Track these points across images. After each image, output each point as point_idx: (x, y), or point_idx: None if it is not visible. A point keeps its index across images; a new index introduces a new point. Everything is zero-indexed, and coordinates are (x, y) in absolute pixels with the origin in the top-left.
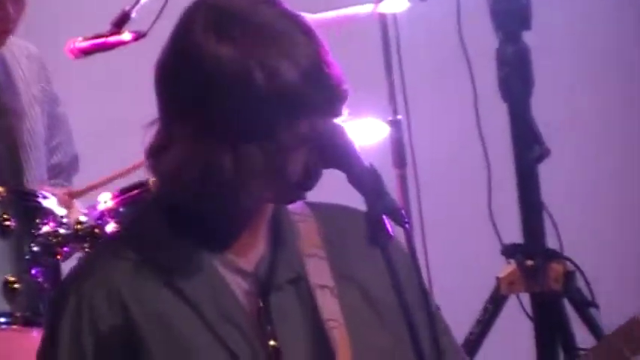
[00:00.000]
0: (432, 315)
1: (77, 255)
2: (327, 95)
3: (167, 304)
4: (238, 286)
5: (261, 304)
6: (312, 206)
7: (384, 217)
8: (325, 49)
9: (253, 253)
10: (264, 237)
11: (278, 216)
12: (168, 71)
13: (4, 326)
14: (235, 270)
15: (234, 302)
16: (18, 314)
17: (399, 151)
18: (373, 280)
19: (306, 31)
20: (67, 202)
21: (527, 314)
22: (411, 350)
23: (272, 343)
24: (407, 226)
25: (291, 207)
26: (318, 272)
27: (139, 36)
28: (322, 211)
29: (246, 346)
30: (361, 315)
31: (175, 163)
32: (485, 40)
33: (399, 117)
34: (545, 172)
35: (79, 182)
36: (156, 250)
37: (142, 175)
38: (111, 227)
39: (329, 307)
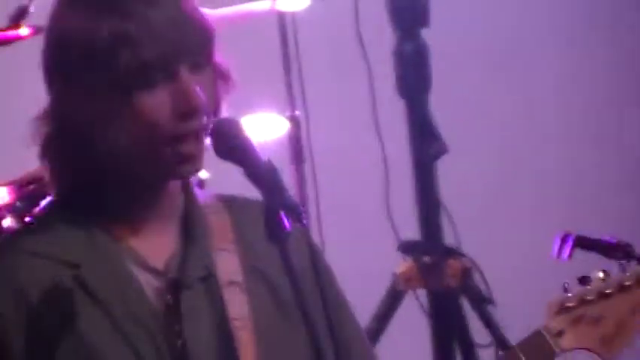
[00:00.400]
0: (332, 307)
1: None
2: (183, 37)
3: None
4: (148, 283)
5: (170, 303)
6: (224, 198)
7: (282, 213)
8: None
9: (164, 249)
10: (174, 233)
11: (190, 211)
12: (42, 53)
13: None
14: (145, 267)
15: (142, 300)
16: None
17: (296, 147)
18: (279, 272)
19: None
20: None
21: (424, 310)
22: (310, 348)
23: (179, 342)
24: (304, 222)
25: (202, 200)
26: (228, 268)
27: (37, 30)
28: (233, 202)
29: (153, 346)
30: (268, 311)
31: (46, 134)
32: (383, 38)
33: (297, 113)
34: (444, 169)
35: None
36: (62, 245)
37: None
38: (7, 222)
39: (237, 305)
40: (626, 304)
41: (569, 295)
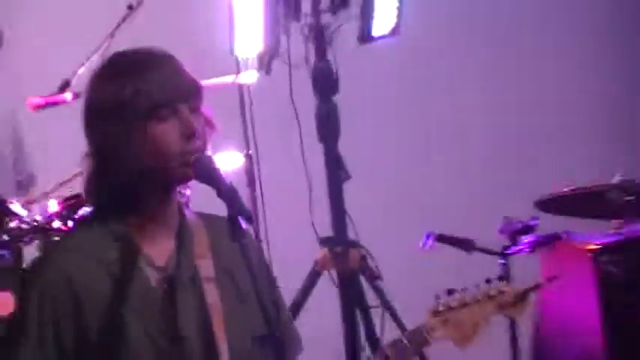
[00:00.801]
0: (275, 292)
1: (36, 242)
2: (180, 87)
3: (105, 288)
4: (153, 276)
5: (167, 289)
6: (201, 215)
7: (240, 217)
8: (180, 64)
9: (165, 252)
10: (172, 241)
11: (182, 226)
12: (83, 112)
13: None
14: (152, 265)
15: (151, 290)
16: None
17: (250, 175)
18: (239, 270)
19: (165, 55)
20: (27, 207)
21: (335, 285)
22: (262, 321)
23: (176, 326)
24: (253, 223)
25: (188, 216)
26: (206, 268)
27: (76, 96)
28: (207, 219)
29: (157, 328)
30: (232, 299)
31: (89, 167)
32: (308, 100)
33: (251, 152)
34: (351, 189)
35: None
36: (98, 247)
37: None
38: (57, 224)
39: (212, 295)
40: (479, 312)
41: (441, 302)
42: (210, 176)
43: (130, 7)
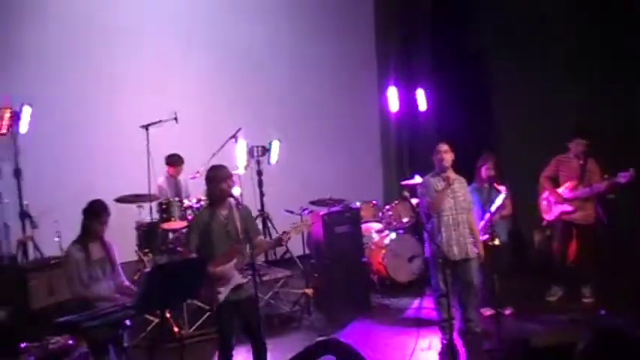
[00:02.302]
0: (252, 219)
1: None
2: (230, 176)
3: (211, 221)
4: (223, 220)
5: (226, 222)
6: (235, 201)
7: (238, 204)
8: (227, 168)
9: (225, 213)
10: (227, 209)
11: (230, 204)
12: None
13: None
14: (223, 217)
15: (221, 223)
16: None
17: (241, 195)
18: (246, 216)
19: (224, 166)
20: (189, 202)
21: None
22: (251, 234)
23: (228, 234)
24: (241, 205)
25: (231, 202)
26: (237, 217)
27: (201, 175)
28: (237, 202)
29: (226, 234)
30: (241, 225)
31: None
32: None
33: (240, 190)
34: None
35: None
36: (209, 209)
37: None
38: (197, 205)
39: (238, 220)
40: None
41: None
42: (230, 195)
43: (215, 151)
